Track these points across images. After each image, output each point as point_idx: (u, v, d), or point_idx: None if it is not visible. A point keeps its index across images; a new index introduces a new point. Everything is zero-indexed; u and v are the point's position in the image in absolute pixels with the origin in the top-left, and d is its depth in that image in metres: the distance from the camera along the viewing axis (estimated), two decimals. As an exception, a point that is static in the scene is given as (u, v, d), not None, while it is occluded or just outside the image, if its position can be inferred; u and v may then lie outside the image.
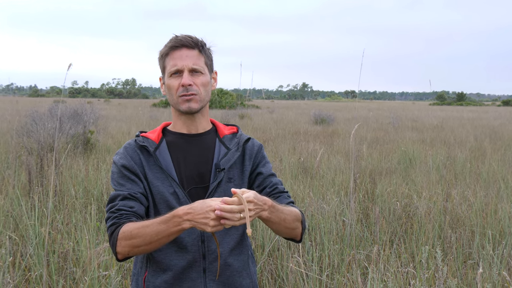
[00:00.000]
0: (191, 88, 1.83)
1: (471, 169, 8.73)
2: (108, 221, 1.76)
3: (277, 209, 1.70)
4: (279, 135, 14.58)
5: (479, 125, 20.50)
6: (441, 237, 5.05)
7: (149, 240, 1.64)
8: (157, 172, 1.84)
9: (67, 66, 3.32)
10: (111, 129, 14.81)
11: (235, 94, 36.12)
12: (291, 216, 1.78)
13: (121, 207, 1.76)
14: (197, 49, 1.85)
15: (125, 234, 1.67)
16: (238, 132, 1.99)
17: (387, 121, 22.03)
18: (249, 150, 1.95)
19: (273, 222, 1.70)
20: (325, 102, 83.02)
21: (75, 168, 7.60)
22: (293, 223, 1.80)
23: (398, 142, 12.70)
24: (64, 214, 5.24)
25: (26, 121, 10.71)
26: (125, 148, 1.88)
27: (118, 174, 1.83)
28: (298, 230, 1.85)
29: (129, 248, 1.68)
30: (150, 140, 1.88)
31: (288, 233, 1.82)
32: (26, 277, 3.95)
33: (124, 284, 3.87)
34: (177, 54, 1.83)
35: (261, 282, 4.10)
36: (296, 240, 1.89)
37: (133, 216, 1.75)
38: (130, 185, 1.81)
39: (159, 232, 1.62)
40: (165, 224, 1.61)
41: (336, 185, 6.78)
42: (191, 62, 1.83)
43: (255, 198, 1.59)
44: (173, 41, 1.85)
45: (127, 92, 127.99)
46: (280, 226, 1.75)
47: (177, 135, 1.92)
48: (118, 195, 1.79)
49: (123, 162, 1.84)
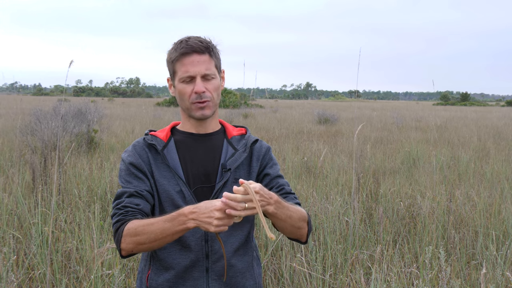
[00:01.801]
0: (205, 95, 1.83)
1: (475, 170, 8.71)
2: (114, 217, 1.77)
3: (283, 205, 1.69)
4: (283, 134, 14.58)
5: (483, 125, 20.44)
6: (444, 238, 5.04)
7: (154, 237, 1.65)
8: (164, 171, 1.84)
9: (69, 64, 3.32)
10: (115, 128, 14.84)
11: (238, 93, 36.13)
12: (297, 215, 1.77)
13: (127, 204, 1.77)
14: (208, 53, 1.84)
15: (130, 231, 1.68)
16: (247, 134, 1.99)
17: (391, 121, 21.99)
18: (256, 151, 1.95)
19: (279, 218, 1.70)
20: (328, 102, 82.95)
21: (79, 167, 7.62)
22: (299, 222, 1.79)
23: (402, 142, 12.69)
24: (68, 212, 5.25)
25: (30, 120, 10.72)
26: (134, 146, 1.89)
27: (125, 171, 1.85)
28: (304, 230, 1.84)
29: (134, 245, 1.69)
30: (159, 139, 1.89)
31: (293, 233, 1.82)
32: (29, 276, 3.97)
33: (128, 283, 3.88)
34: (188, 60, 1.81)
35: (264, 282, 4.10)
36: (302, 241, 1.88)
37: (138, 214, 1.76)
38: (137, 182, 1.82)
39: (164, 230, 1.63)
40: (170, 222, 1.62)
41: (340, 185, 6.77)
42: (204, 68, 1.82)
43: (261, 190, 1.59)
44: (184, 47, 1.82)
45: (131, 91, 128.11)
46: (286, 224, 1.75)
47: (186, 134, 1.93)
48: (124, 192, 1.80)
49: (131, 159, 1.85)
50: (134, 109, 29.47)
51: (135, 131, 14.05)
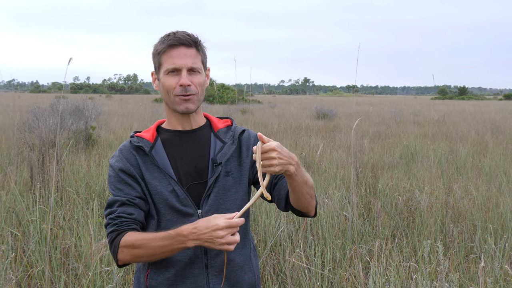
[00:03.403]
0: (190, 89, 1.81)
1: (473, 163, 8.72)
2: (108, 227, 1.76)
3: (302, 169, 1.70)
4: (281, 130, 14.57)
5: (481, 119, 20.46)
6: (443, 232, 5.05)
7: (152, 252, 1.66)
8: (155, 172, 1.82)
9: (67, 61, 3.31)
10: (113, 125, 14.81)
11: (236, 89, 36.06)
12: (311, 182, 1.77)
13: (120, 213, 1.76)
14: (195, 47, 1.83)
15: (127, 243, 1.69)
16: (233, 125, 1.97)
17: (389, 115, 21.99)
18: (245, 141, 1.93)
19: (297, 181, 1.69)
20: (326, 97, 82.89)
21: (77, 164, 7.61)
22: (312, 190, 1.79)
23: (400, 137, 12.69)
24: (66, 210, 5.25)
25: (28, 117, 10.70)
26: (121, 151, 1.86)
27: (115, 178, 1.83)
28: (314, 200, 1.83)
29: (131, 257, 1.70)
30: (145, 140, 1.86)
31: (307, 201, 1.79)
32: (28, 273, 3.96)
33: (127, 280, 3.88)
34: (175, 53, 1.80)
35: (263, 277, 4.11)
36: (311, 214, 1.87)
37: (133, 223, 1.75)
38: (128, 190, 1.80)
39: (163, 247, 1.64)
40: (169, 240, 1.63)
41: (338, 180, 6.77)
42: (190, 62, 1.81)
43: (280, 148, 1.59)
44: (171, 39, 1.81)
45: (129, 88, 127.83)
46: (303, 189, 1.73)
47: (172, 132, 1.91)
48: (116, 200, 1.78)
49: (120, 165, 1.82)
50: (132, 106, 29.40)
51: (133, 127, 14.02)
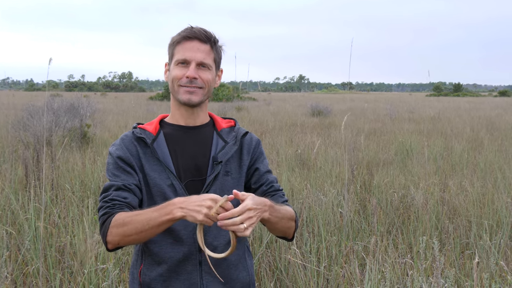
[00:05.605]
0: (195, 81, 1.81)
1: (468, 160, 8.75)
2: (101, 210, 1.74)
3: (276, 209, 1.70)
4: (276, 127, 14.58)
5: (476, 115, 20.51)
6: (438, 228, 5.06)
7: (140, 228, 1.61)
8: (155, 164, 1.82)
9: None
10: (108, 123, 14.78)
11: (231, 86, 36.04)
12: (287, 216, 1.79)
13: (114, 197, 1.74)
14: (209, 44, 1.84)
15: (117, 222, 1.65)
16: (236, 126, 1.98)
17: (384, 112, 22.02)
18: (247, 144, 1.94)
19: (271, 222, 1.70)
20: (322, 94, 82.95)
21: (72, 162, 7.58)
22: (289, 223, 1.81)
23: (395, 133, 12.71)
24: (61, 207, 5.23)
25: (23, 115, 10.66)
26: (122, 140, 1.86)
27: (113, 165, 1.82)
28: (292, 229, 1.86)
29: (120, 237, 1.66)
30: (148, 132, 1.86)
31: (283, 232, 1.84)
32: (23, 271, 3.95)
33: (122, 277, 3.87)
34: (189, 45, 1.81)
35: (259, 274, 4.11)
36: (288, 238, 1.90)
37: (126, 207, 1.73)
38: (125, 176, 1.79)
39: (150, 220, 1.59)
40: (157, 211, 1.59)
41: (333, 177, 6.77)
42: (201, 56, 1.81)
43: (254, 204, 1.56)
44: (187, 32, 1.82)
45: (124, 86, 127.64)
46: (278, 226, 1.76)
47: (175, 127, 1.90)
48: (112, 185, 1.77)
49: (119, 153, 1.82)
50: (127, 104, 29.35)
51: (128, 125, 14.00)
